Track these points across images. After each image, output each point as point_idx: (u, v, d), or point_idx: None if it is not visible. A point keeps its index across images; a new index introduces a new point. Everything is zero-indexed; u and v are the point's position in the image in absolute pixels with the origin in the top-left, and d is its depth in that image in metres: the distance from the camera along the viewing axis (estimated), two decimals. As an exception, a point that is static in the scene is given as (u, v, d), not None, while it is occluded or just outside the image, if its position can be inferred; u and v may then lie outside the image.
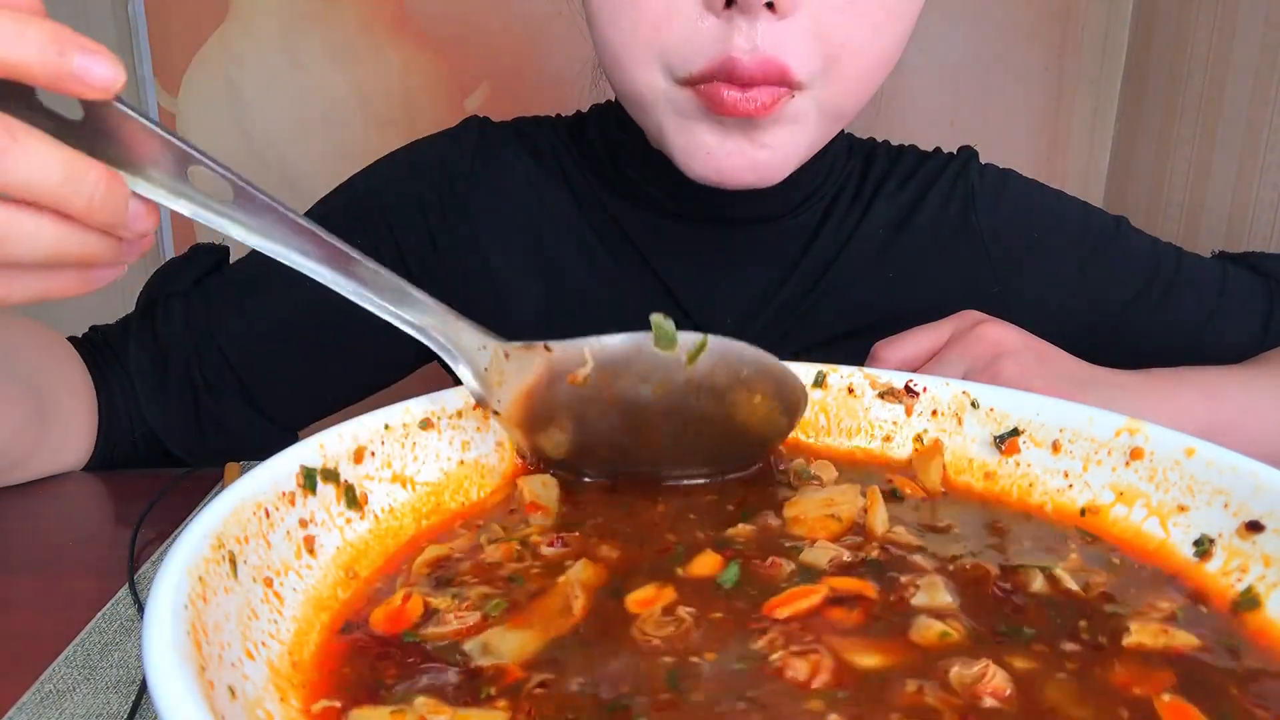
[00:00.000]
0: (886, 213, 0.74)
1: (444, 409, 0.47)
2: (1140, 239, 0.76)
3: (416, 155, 0.76)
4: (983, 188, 0.75)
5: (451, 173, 0.74)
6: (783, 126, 0.60)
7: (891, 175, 0.76)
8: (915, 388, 0.52)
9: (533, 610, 0.35)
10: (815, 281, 0.73)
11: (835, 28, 0.57)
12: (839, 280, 0.73)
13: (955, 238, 0.74)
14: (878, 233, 0.74)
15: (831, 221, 0.73)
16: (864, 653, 0.33)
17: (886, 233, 0.74)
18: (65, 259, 0.35)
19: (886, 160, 0.77)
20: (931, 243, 0.74)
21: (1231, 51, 1.06)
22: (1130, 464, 0.44)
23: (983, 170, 0.77)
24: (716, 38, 0.55)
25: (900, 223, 0.74)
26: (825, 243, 0.73)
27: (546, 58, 1.29)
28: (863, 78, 0.61)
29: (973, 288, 0.73)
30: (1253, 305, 0.73)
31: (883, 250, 0.74)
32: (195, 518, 0.33)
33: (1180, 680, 0.32)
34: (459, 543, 0.41)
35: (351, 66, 1.30)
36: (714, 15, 0.55)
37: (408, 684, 0.31)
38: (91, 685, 0.42)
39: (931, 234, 0.74)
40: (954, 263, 0.74)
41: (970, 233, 0.74)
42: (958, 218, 0.74)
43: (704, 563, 0.39)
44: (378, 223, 0.72)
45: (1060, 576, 0.38)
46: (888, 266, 0.74)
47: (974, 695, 0.31)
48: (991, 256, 0.74)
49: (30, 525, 0.59)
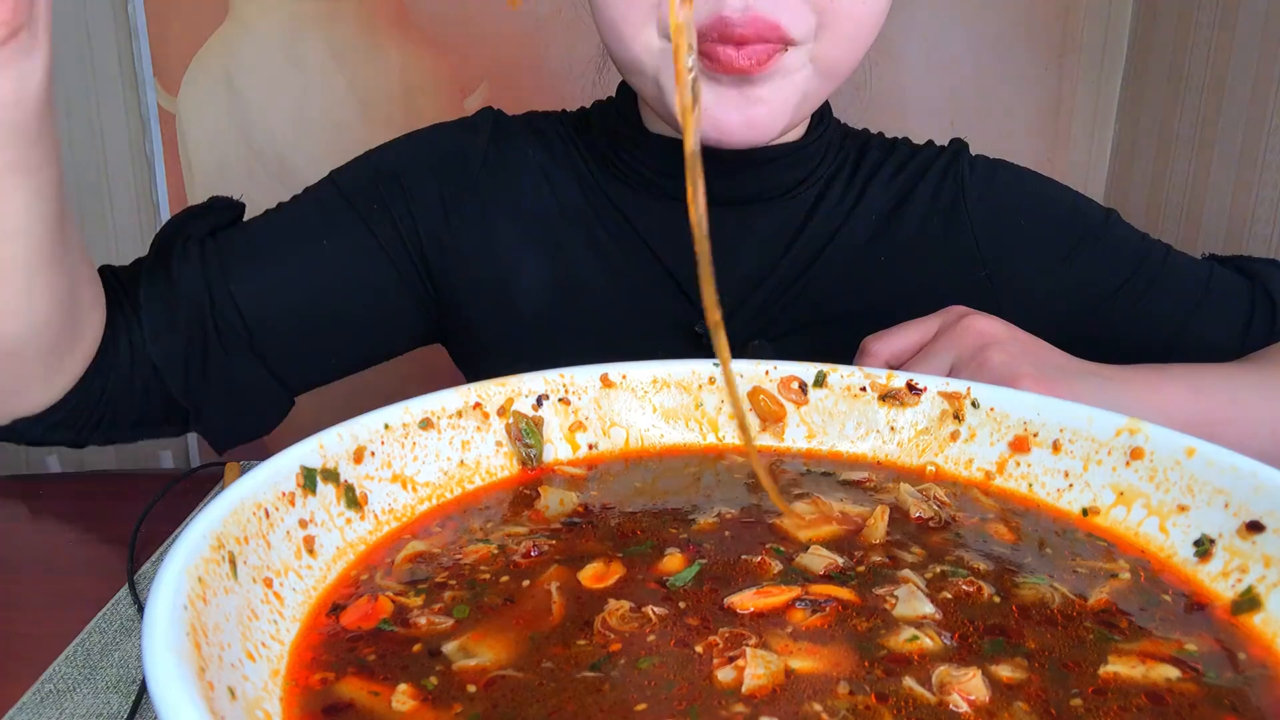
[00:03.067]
0: (879, 200, 0.76)
1: (444, 409, 0.47)
2: (1129, 231, 0.77)
3: (437, 138, 0.79)
4: (973, 178, 0.77)
5: (468, 157, 0.77)
6: (776, 81, 0.62)
7: (885, 165, 0.78)
8: (917, 387, 0.52)
9: (502, 615, 0.36)
10: (808, 264, 0.74)
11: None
12: (831, 263, 0.75)
13: (945, 226, 0.76)
14: (870, 219, 0.76)
15: (825, 204, 0.75)
16: (804, 656, 0.33)
17: (879, 219, 0.76)
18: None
19: (879, 151, 0.79)
20: (922, 230, 0.76)
21: (1231, 51, 1.05)
22: (1130, 464, 0.44)
23: (973, 160, 0.78)
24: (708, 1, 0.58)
25: (892, 210, 0.76)
26: (819, 225, 0.75)
27: (546, 57, 1.29)
28: (854, 35, 0.63)
29: (961, 274, 0.75)
30: (1235, 305, 0.74)
31: (875, 236, 0.76)
32: (195, 518, 0.33)
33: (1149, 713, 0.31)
34: (439, 539, 0.42)
35: (351, 66, 1.30)
36: None
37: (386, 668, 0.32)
38: (91, 685, 0.42)
39: (922, 222, 0.76)
40: (943, 250, 0.76)
41: (960, 221, 0.76)
42: (948, 207, 0.76)
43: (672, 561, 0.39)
44: (397, 195, 0.75)
45: (1053, 595, 0.38)
46: (879, 252, 0.75)
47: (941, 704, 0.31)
48: (980, 244, 0.75)
49: (30, 525, 0.59)
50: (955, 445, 0.50)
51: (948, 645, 0.34)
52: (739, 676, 0.31)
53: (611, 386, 0.52)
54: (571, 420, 0.51)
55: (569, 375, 0.51)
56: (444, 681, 0.31)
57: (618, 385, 0.52)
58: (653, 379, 0.53)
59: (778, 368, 0.53)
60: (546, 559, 0.40)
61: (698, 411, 0.53)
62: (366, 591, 0.37)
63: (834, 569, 0.39)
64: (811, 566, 0.39)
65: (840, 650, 0.33)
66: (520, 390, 0.50)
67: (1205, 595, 0.39)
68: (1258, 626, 0.36)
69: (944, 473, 0.49)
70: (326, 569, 0.38)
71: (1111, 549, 0.42)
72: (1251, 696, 0.32)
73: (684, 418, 0.53)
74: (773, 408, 0.53)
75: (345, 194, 0.74)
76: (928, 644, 0.34)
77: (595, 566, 0.38)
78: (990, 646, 0.34)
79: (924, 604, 0.36)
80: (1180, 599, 0.38)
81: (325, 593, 0.37)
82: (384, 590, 0.37)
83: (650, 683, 0.31)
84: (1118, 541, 0.43)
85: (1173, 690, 0.32)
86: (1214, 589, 0.39)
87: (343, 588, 0.37)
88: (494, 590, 0.37)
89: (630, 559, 0.39)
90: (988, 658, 0.33)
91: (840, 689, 0.31)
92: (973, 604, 0.37)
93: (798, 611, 0.36)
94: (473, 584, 0.38)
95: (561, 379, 0.51)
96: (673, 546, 0.40)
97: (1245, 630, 0.36)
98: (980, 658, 0.33)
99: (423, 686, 0.31)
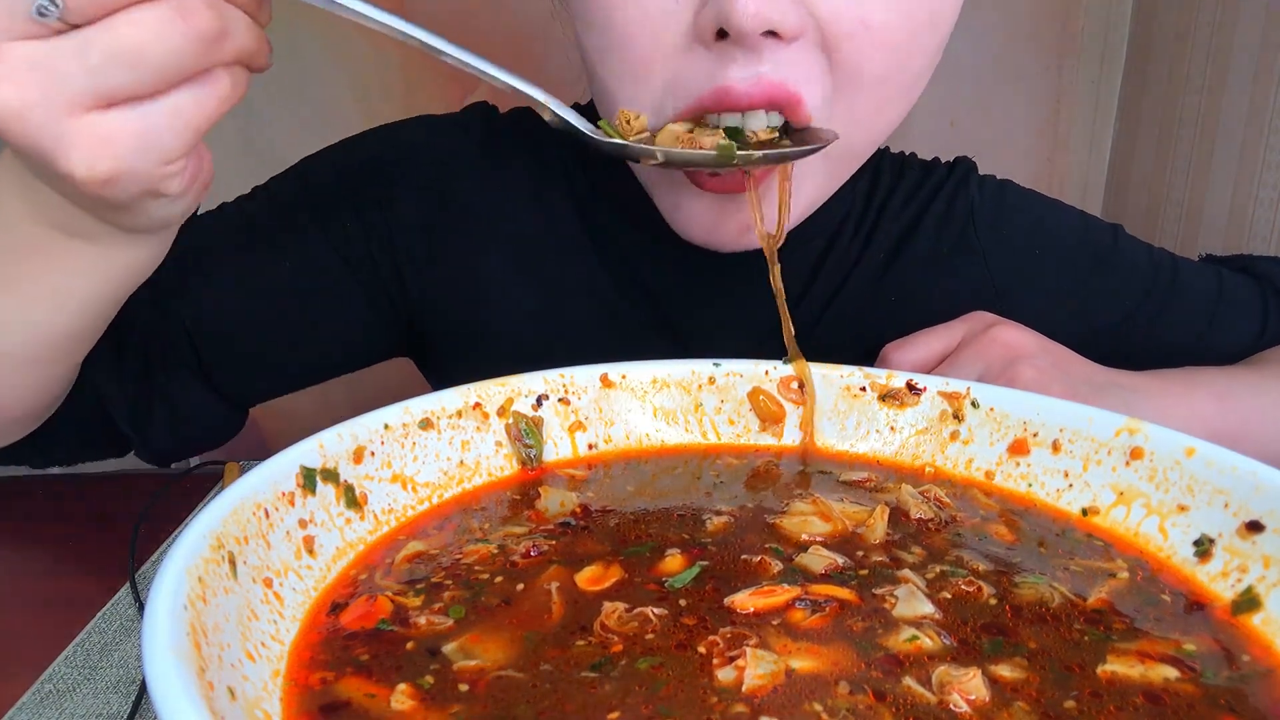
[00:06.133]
0: (889, 234, 0.73)
1: (444, 409, 0.47)
2: (1136, 250, 0.76)
3: (422, 135, 0.72)
4: (982, 202, 0.74)
5: (454, 161, 0.71)
6: (774, 195, 0.54)
7: (896, 192, 0.74)
8: (917, 387, 0.52)
9: (503, 615, 0.36)
10: (819, 315, 0.71)
11: (848, 60, 0.50)
12: (842, 310, 0.71)
13: (955, 255, 0.73)
14: (880, 256, 0.72)
15: (836, 251, 0.71)
16: (804, 656, 0.33)
17: (887, 254, 0.73)
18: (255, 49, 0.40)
19: (891, 175, 0.75)
20: (932, 261, 0.73)
21: (1231, 51, 1.05)
22: (1130, 464, 0.44)
23: (981, 183, 0.75)
24: (710, 70, 0.50)
25: (901, 242, 0.73)
26: (830, 273, 0.71)
27: (546, 58, 1.29)
28: (880, 108, 0.54)
29: (974, 304, 0.70)
30: (1249, 310, 0.73)
31: (884, 273, 0.72)
32: (195, 518, 0.33)
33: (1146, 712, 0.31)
34: (438, 539, 0.42)
35: (351, 66, 1.30)
36: (704, 48, 0.50)
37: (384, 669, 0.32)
38: (91, 685, 0.42)
39: (932, 252, 0.73)
40: (955, 280, 0.73)
41: (970, 249, 0.73)
42: (958, 235, 0.73)
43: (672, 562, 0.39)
44: (368, 200, 0.69)
45: (1052, 594, 0.38)
46: (889, 290, 0.72)
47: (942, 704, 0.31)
48: (992, 270, 0.73)
49: (30, 525, 0.59)
50: (955, 445, 0.50)
51: (947, 645, 0.34)
52: (739, 676, 0.31)
53: (611, 387, 0.52)
54: (571, 420, 0.51)
55: (569, 375, 0.51)
56: (442, 681, 0.31)
57: (617, 385, 0.52)
58: (652, 379, 0.53)
59: (777, 368, 0.53)
60: (546, 559, 0.40)
61: (697, 412, 0.53)
62: (366, 591, 0.37)
63: (834, 569, 0.39)
64: (811, 566, 0.39)
65: (840, 650, 0.33)
66: (520, 390, 0.50)
67: (1205, 595, 0.39)
68: (1257, 626, 0.36)
69: (944, 473, 0.49)
70: (326, 569, 0.38)
71: (1110, 549, 0.42)
72: (1250, 696, 0.32)
73: (683, 418, 0.53)
74: (772, 408, 0.53)
75: (308, 194, 0.68)
76: (927, 644, 0.34)
77: (594, 568, 0.38)
78: (990, 646, 0.34)
79: (924, 604, 0.36)
80: (1179, 599, 0.38)
81: (325, 593, 0.37)
82: (383, 590, 0.37)
83: (650, 683, 0.31)
84: (1116, 541, 0.43)
85: (1171, 690, 0.32)
86: (1214, 589, 0.39)
87: (342, 588, 0.37)
88: (493, 590, 0.37)
89: (629, 560, 0.39)
90: (987, 657, 0.33)
91: (840, 689, 0.31)
92: (972, 604, 0.37)
93: (798, 611, 0.36)
94: (472, 584, 0.38)
95: (561, 379, 0.51)
96: (673, 547, 0.40)
97: (1245, 630, 0.36)
98: (980, 657, 0.33)
99: (421, 686, 0.31)
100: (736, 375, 0.53)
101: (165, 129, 0.37)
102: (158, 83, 0.37)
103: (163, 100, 0.37)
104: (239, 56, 0.39)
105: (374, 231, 0.68)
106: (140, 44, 0.35)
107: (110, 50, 0.35)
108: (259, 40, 0.40)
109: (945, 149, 0.80)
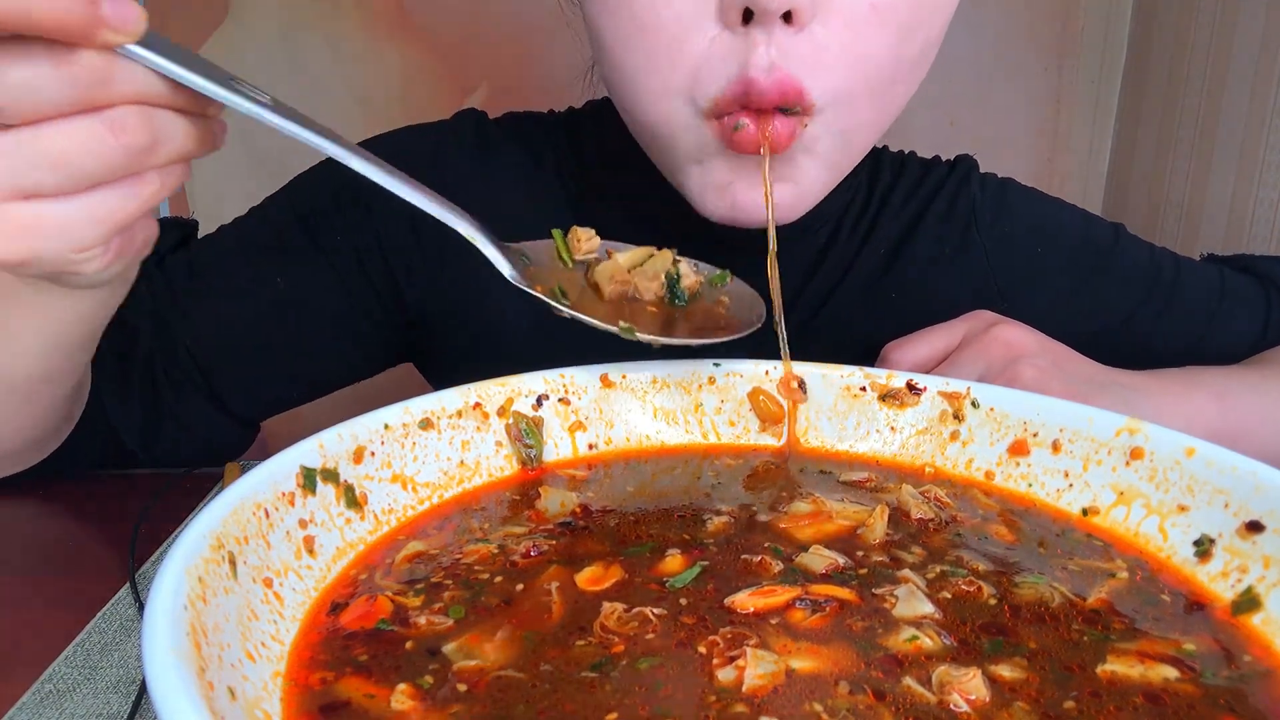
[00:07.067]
0: (890, 232, 0.72)
1: (444, 409, 0.47)
2: (1138, 249, 0.75)
3: (412, 145, 0.72)
4: (984, 201, 0.74)
5: (445, 170, 0.70)
6: (799, 160, 0.55)
7: (896, 189, 0.74)
8: (917, 387, 0.52)
9: (504, 614, 0.36)
10: (816, 310, 0.71)
11: (856, 42, 0.52)
12: (843, 309, 0.71)
13: (957, 254, 0.73)
14: (880, 251, 0.72)
15: (836, 248, 0.71)
16: (804, 656, 0.33)
17: (888, 252, 0.72)
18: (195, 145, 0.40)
19: (891, 173, 0.75)
20: (933, 260, 0.72)
21: (1231, 51, 1.05)
22: (1130, 464, 0.44)
23: (983, 181, 0.75)
24: (736, 54, 0.51)
25: (902, 240, 0.73)
26: (830, 270, 0.71)
27: (546, 58, 1.29)
28: (884, 97, 0.56)
29: (975, 303, 0.70)
30: (1251, 309, 0.73)
31: (885, 271, 0.72)
32: (195, 518, 0.33)
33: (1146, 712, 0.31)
34: (438, 539, 0.42)
35: (351, 66, 1.30)
36: (730, 31, 0.51)
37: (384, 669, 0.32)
38: (91, 685, 0.42)
39: (934, 251, 0.73)
40: (956, 279, 0.73)
41: (972, 248, 0.73)
42: (960, 233, 0.73)
43: (672, 562, 0.39)
44: (361, 213, 0.68)
45: (1052, 594, 0.38)
46: (889, 288, 0.72)
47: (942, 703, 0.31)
48: (993, 268, 0.73)
49: (30, 525, 0.59)
50: (955, 445, 0.50)
51: (947, 645, 0.34)
52: (739, 676, 0.31)
53: (611, 387, 0.52)
54: (572, 420, 0.51)
55: (569, 375, 0.51)
56: (442, 681, 0.31)
57: (617, 385, 0.52)
58: (652, 379, 0.53)
59: (777, 368, 0.53)
60: (546, 559, 0.40)
61: (697, 412, 0.53)
62: (366, 591, 0.37)
63: (834, 569, 0.39)
64: (811, 566, 0.39)
65: (840, 650, 0.33)
66: (520, 390, 0.50)
67: (1205, 595, 0.39)
68: (1257, 627, 0.36)
69: (944, 473, 0.49)
70: (326, 569, 0.38)
71: (1110, 549, 0.42)
72: (1250, 696, 0.32)
73: (683, 418, 0.53)
74: (772, 408, 0.53)
75: (299, 211, 0.69)
76: (927, 644, 0.34)
77: (594, 568, 0.38)
78: (990, 646, 0.34)
79: (924, 604, 0.36)
80: (1179, 599, 0.38)
81: (325, 593, 0.37)
82: (383, 590, 0.37)
83: (650, 683, 0.31)
84: (1116, 541, 0.43)
85: (1171, 690, 0.32)
86: (1214, 589, 0.39)
87: (342, 588, 0.37)
88: (493, 590, 0.37)
89: (629, 560, 0.39)
90: (987, 657, 0.33)
91: (840, 689, 0.31)
92: (972, 604, 0.37)
93: (798, 611, 0.36)
94: (472, 584, 0.38)
95: (561, 379, 0.51)
96: (673, 547, 0.40)
97: (1245, 630, 0.36)
98: (980, 657, 0.33)
99: (421, 686, 0.31)
100: (736, 375, 0.53)
101: (84, 222, 0.37)
102: (80, 186, 0.36)
103: (85, 198, 0.37)
104: (172, 159, 0.39)
105: (365, 242, 0.68)
106: (67, 153, 0.35)
107: (36, 154, 0.35)
108: (200, 138, 0.39)
109: (945, 148, 0.80)
